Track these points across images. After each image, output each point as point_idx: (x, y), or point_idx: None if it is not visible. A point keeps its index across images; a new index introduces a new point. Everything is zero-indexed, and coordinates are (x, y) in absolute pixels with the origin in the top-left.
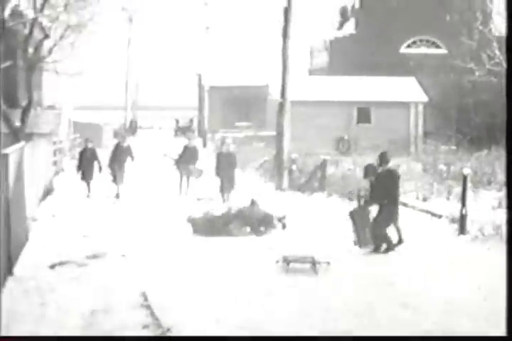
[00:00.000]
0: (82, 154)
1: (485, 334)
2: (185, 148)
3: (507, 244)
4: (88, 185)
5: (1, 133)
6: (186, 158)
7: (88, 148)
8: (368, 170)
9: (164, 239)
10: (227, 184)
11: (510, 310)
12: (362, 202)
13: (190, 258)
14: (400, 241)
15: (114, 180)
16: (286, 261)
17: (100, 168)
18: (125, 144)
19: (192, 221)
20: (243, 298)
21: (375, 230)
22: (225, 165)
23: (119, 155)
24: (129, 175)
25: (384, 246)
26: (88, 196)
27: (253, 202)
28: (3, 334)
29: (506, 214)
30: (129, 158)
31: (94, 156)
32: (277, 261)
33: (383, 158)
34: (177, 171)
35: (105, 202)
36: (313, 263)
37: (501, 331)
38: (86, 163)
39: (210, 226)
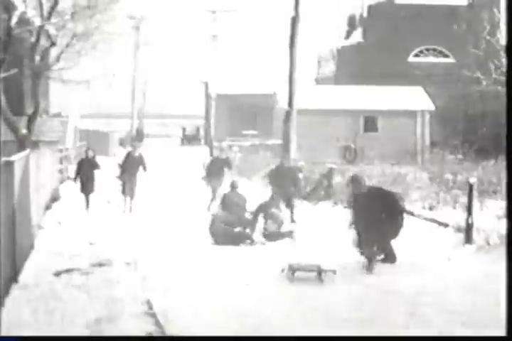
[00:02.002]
0: (80, 164)
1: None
2: (216, 159)
3: (506, 246)
4: (87, 198)
5: (3, 141)
6: (216, 171)
7: (88, 158)
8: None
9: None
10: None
11: (510, 310)
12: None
13: (198, 266)
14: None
15: (124, 192)
16: (292, 269)
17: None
18: (136, 153)
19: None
20: (245, 307)
21: (382, 242)
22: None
23: (131, 166)
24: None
25: (382, 256)
26: (87, 210)
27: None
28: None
29: (507, 224)
30: (141, 169)
31: (94, 167)
32: (282, 270)
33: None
34: (207, 185)
35: (106, 222)
36: (319, 271)
37: (501, 331)
38: (85, 174)
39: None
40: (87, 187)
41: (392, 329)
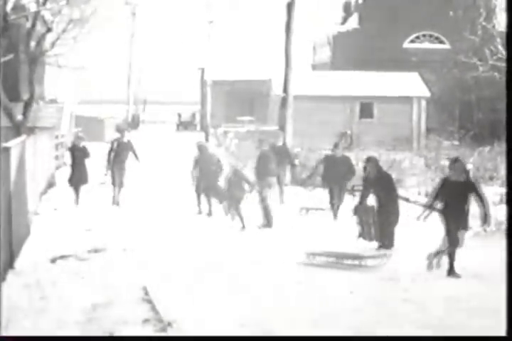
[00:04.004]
0: (71, 153)
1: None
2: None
3: (507, 243)
4: (77, 191)
5: (1, 127)
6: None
7: (77, 145)
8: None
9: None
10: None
11: (510, 310)
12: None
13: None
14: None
15: (113, 182)
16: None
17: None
18: (125, 140)
19: None
20: (244, 295)
21: (386, 228)
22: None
23: (119, 153)
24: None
25: (386, 243)
26: (76, 204)
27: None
28: (3, 332)
29: (506, 211)
30: (130, 157)
31: (84, 155)
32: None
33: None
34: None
35: (101, 210)
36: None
37: (501, 331)
38: (74, 164)
39: None
40: (77, 178)
41: (387, 317)
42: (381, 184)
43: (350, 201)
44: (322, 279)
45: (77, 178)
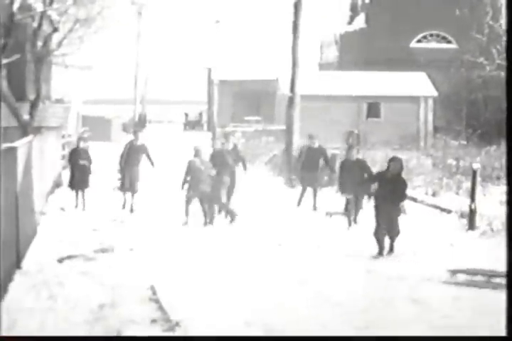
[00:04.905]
0: (71, 155)
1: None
2: (308, 149)
3: (507, 243)
4: (77, 195)
5: (5, 127)
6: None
7: (80, 148)
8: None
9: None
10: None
11: (510, 310)
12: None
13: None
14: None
15: (122, 187)
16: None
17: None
18: (138, 143)
19: None
20: (246, 290)
21: (394, 228)
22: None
23: (132, 157)
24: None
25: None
26: (83, 209)
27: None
28: (4, 332)
29: (506, 210)
30: (144, 161)
31: (87, 158)
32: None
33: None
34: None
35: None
36: None
37: (501, 331)
38: (77, 167)
39: None
40: (79, 183)
41: (394, 317)
42: (394, 187)
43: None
44: None
45: (80, 183)
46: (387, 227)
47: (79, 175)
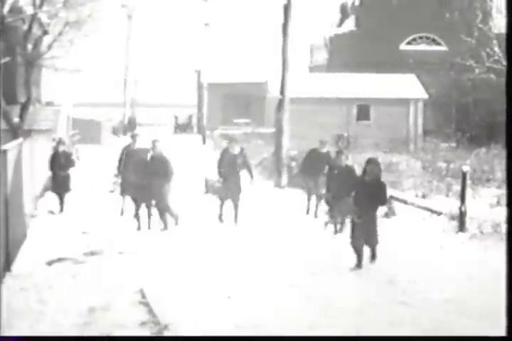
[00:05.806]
0: (52, 159)
1: (485, 334)
2: (313, 152)
3: (507, 244)
4: (61, 199)
5: None
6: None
7: (60, 151)
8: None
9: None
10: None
11: (510, 310)
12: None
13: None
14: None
15: (123, 192)
16: None
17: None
18: (135, 147)
19: None
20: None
21: (372, 237)
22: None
23: (128, 162)
24: None
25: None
26: (60, 212)
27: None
28: (3, 332)
29: (506, 213)
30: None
31: (68, 162)
32: None
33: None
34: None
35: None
36: None
37: (501, 331)
38: (58, 170)
39: None
40: (60, 186)
41: (385, 319)
42: (373, 193)
43: None
44: None
45: (62, 187)
46: (364, 236)
47: (60, 180)
